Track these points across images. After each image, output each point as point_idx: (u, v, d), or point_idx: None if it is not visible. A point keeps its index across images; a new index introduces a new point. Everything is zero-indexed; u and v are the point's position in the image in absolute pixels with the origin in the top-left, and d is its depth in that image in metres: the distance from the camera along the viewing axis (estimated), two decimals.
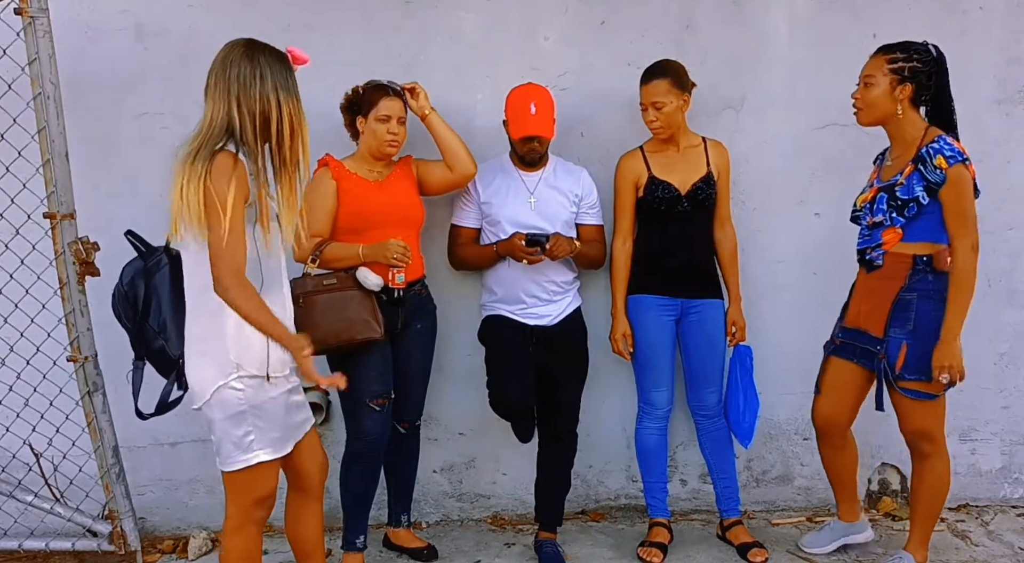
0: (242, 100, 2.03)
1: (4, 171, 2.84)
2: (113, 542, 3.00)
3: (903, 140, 2.67)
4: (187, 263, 2.13)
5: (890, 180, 2.67)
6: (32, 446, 3.12)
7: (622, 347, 3.09)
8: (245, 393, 2.09)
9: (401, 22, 3.14)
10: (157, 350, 2.25)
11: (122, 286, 2.28)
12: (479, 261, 3.05)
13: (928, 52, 2.63)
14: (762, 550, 3.05)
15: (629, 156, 3.08)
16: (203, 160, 2.00)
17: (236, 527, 2.22)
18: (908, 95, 2.62)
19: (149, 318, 2.23)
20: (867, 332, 2.74)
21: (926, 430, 2.72)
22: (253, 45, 2.09)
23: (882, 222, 2.67)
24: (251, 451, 2.13)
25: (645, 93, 2.93)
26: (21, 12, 2.59)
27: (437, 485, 3.42)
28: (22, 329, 2.96)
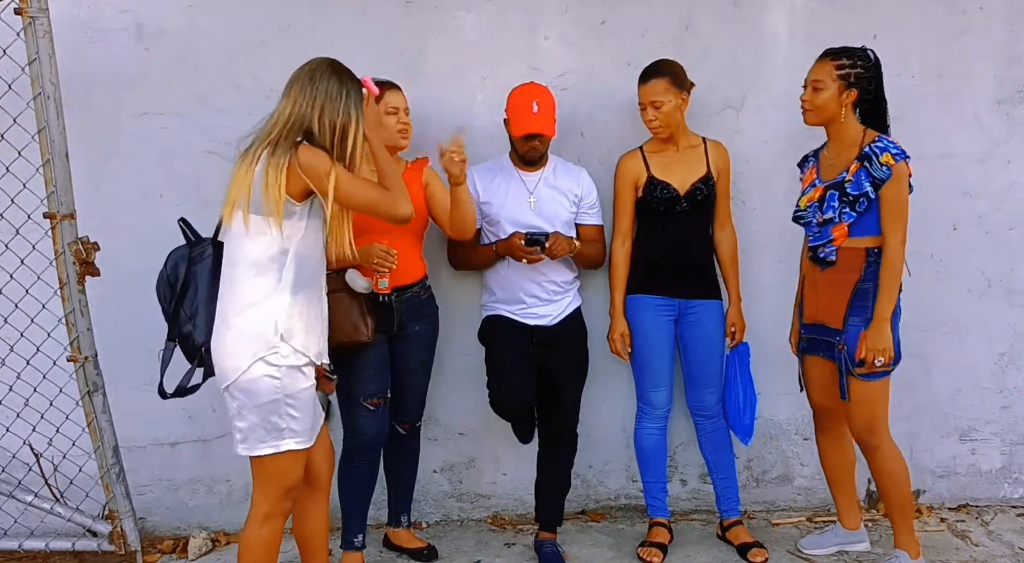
0: (326, 110, 2.18)
1: (4, 171, 2.84)
2: (113, 542, 3.00)
3: (843, 141, 2.77)
4: (241, 246, 2.20)
5: (836, 178, 2.75)
6: (32, 446, 3.12)
7: (620, 347, 3.09)
8: (281, 381, 2.16)
9: (401, 22, 3.14)
10: (185, 334, 2.30)
11: (165, 270, 2.35)
12: (479, 261, 3.05)
13: (869, 58, 2.73)
14: (762, 550, 3.05)
15: (629, 156, 3.08)
16: (285, 150, 2.14)
17: (264, 517, 2.25)
18: (852, 100, 2.73)
19: (184, 302, 2.30)
20: (825, 324, 2.81)
21: (870, 423, 2.77)
22: (339, 65, 2.26)
23: (832, 219, 2.75)
24: (282, 438, 2.20)
25: (643, 92, 2.94)
26: (21, 12, 2.59)
27: (437, 485, 3.42)
28: (22, 329, 2.96)
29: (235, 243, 2.22)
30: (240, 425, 2.21)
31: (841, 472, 3.04)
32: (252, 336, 2.16)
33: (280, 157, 2.12)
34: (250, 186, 2.14)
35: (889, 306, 2.68)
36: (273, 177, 2.11)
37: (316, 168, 2.13)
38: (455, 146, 2.61)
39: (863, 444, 2.83)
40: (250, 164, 2.16)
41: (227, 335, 2.19)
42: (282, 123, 2.17)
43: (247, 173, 2.16)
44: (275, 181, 2.11)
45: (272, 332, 2.16)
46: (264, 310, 2.17)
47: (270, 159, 2.13)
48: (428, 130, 3.11)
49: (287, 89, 2.23)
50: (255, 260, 2.18)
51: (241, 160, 2.20)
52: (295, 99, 2.19)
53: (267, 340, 2.16)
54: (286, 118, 2.18)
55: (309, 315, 2.24)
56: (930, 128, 3.27)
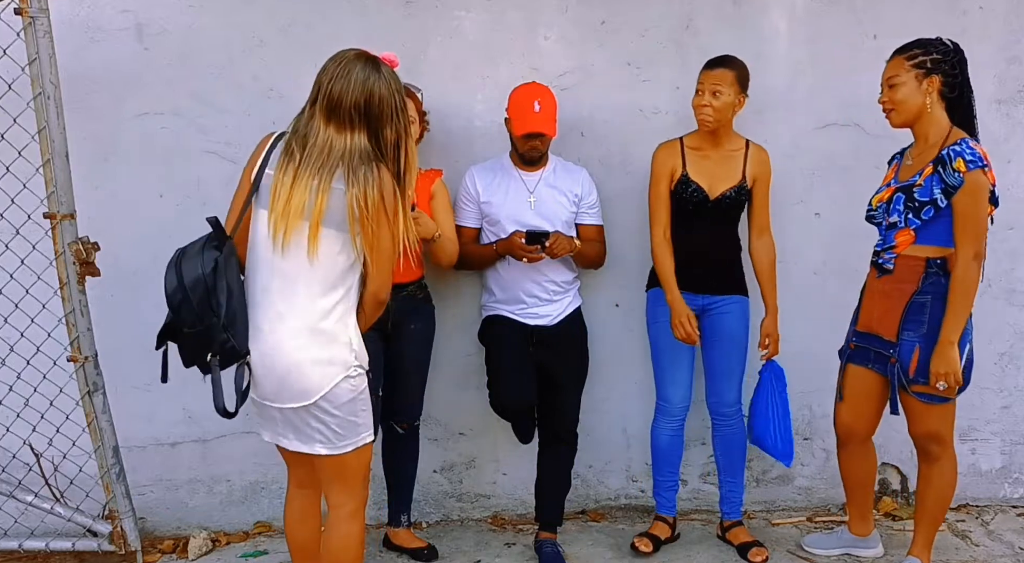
0: (392, 125, 2.15)
1: (4, 171, 2.84)
2: (113, 542, 3.00)
3: (927, 140, 2.63)
4: (305, 261, 2.12)
5: (908, 180, 2.63)
6: (32, 446, 3.12)
7: (689, 329, 2.94)
8: (356, 381, 2.19)
9: (401, 22, 3.14)
10: (222, 343, 2.12)
11: (202, 273, 2.09)
12: (479, 261, 3.05)
13: (944, 44, 2.59)
14: (762, 549, 3.05)
15: (668, 146, 3.01)
16: (367, 171, 2.08)
17: (352, 513, 2.27)
18: (937, 87, 2.57)
19: (224, 310, 2.10)
20: (880, 336, 2.72)
21: (936, 432, 2.70)
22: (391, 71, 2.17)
23: (896, 223, 2.64)
24: (359, 433, 2.23)
25: (707, 77, 2.87)
26: (21, 12, 2.59)
27: (437, 485, 3.42)
28: (22, 329, 2.95)
29: (295, 257, 2.12)
30: (322, 429, 2.19)
31: (860, 485, 2.99)
32: (333, 358, 2.14)
33: (377, 174, 2.09)
34: (326, 201, 2.07)
35: (956, 329, 2.52)
36: (373, 195, 2.07)
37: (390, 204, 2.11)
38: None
39: (924, 451, 2.75)
40: (324, 177, 2.07)
41: (300, 355, 2.13)
42: (358, 147, 2.11)
43: (322, 187, 2.07)
44: (361, 203, 2.07)
45: (349, 353, 2.17)
46: (339, 331, 2.16)
47: (368, 176, 2.07)
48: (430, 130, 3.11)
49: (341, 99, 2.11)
50: (324, 277, 2.13)
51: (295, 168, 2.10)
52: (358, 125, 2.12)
53: (346, 361, 2.16)
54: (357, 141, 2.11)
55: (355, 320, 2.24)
56: None
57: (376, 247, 2.13)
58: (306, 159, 2.10)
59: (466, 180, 3.04)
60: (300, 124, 2.16)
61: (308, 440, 2.21)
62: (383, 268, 2.17)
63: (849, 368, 2.85)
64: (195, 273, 2.09)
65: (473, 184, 3.02)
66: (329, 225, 2.09)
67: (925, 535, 2.81)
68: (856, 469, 2.96)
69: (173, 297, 2.10)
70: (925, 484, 2.78)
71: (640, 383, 3.34)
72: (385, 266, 2.17)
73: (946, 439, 2.71)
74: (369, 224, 2.09)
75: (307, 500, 2.42)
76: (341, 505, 2.27)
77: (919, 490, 2.82)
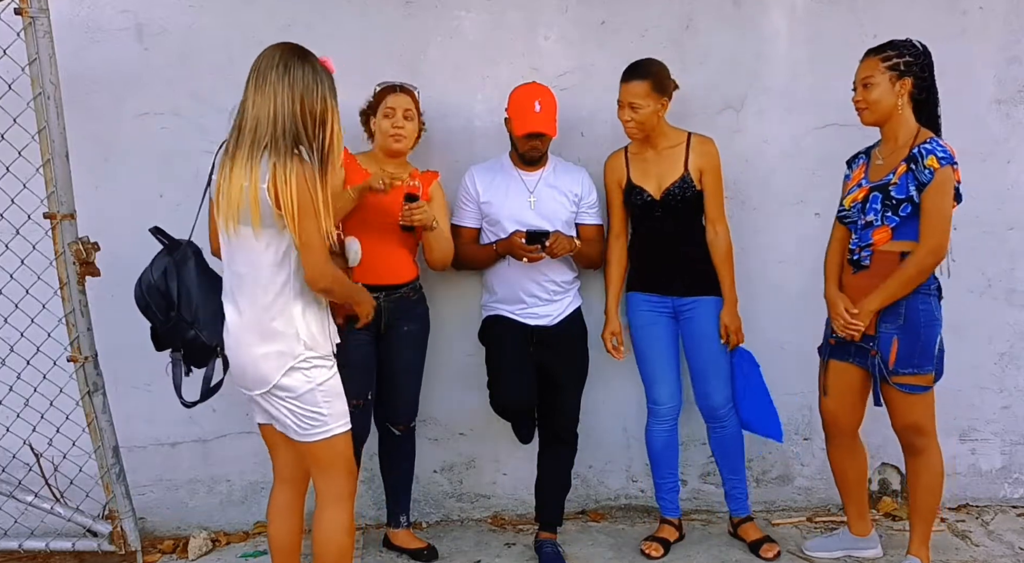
0: (306, 100, 2.12)
1: (4, 171, 2.84)
2: (113, 542, 2.99)
3: (896, 139, 2.69)
4: (250, 257, 2.18)
5: (882, 179, 2.68)
6: (32, 446, 3.12)
7: (611, 346, 3.10)
8: (311, 373, 2.20)
9: (401, 22, 3.14)
10: (190, 339, 2.33)
11: (153, 279, 2.36)
12: (479, 261, 3.05)
13: (915, 46, 2.66)
14: (773, 544, 3.07)
15: (614, 156, 3.09)
16: (283, 159, 2.07)
17: (336, 498, 2.28)
18: (908, 89, 2.64)
19: (182, 310, 2.33)
20: None
21: (918, 424, 2.73)
22: (304, 50, 2.18)
23: (873, 222, 2.69)
24: (326, 425, 2.23)
25: (624, 91, 2.90)
26: (21, 12, 2.59)
27: (437, 485, 3.41)
28: (22, 329, 2.95)
29: (242, 255, 2.19)
30: (289, 417, 2.23)
31: (852, 481, 3.00)
32: (280, 348, 2.18)
33: (287, 169, 2.07)
34: (256, 197, 2.09)
35: (878, 301, 2.64)
36: (283, 189, 2.06)
37: (307, 203, 2.09)
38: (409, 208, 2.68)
39: (908, 445, 2.78)
40: (248, 172, 2.10)
41: (254, 346, 2.19)
42: (269, 124, 2.10)
43: (250, 183, 2.09)
44: (286, 191, 2.06)
45: (296, 341, 2.18)
46: (285, 321, 2.18)
47: (276, 170, 2.07)
48: (430, 130, 3.11)
49: (258, 80, 2.13)
50: (266, 270, 2.17)
51: (231, 168, 2.13)
52: (274, 93, 2.11)
53: (293, 350, 2.18)
54: (271, 117, 2.10)
55: (316, 310, 2.25)
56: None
57: (299, 239, 2.12)
58: (241, 142, 2.13)
59: (466, 180, 3.04)
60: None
61: (280, 424, 2.28)
62: (309, 258, 2.14)
63: (831, 364, 2.88)
64: (148, 280, 2.37)
65: (473, 184, 3.02)
66: (246, 222, 2.13)
67: (921, 532, 2.83)
68: (847, 466, 2.98)
69: (139, 304, 2.40)
70: (914, 479, 2.81)
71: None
72: (311, 256, 2.14)
73: (929, 430, 2.75)
74: (287, 217, 2.08)
75: (287, 495, 2.42)
76: (322, 492, 2.29)
77: (909, 486, 2.85)
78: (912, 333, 2.66)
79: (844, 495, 3.04)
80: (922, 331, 2.66)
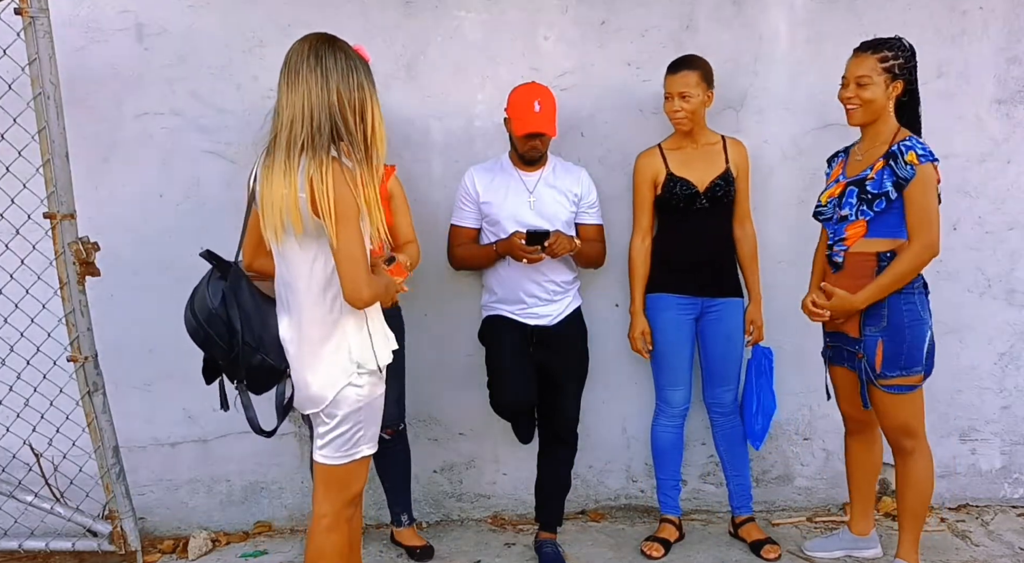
0: (342, 89, 1.97)
1: (4, 171, 2.84)
2: (113, 542, 3.00)
3: (876, 138, 2.69)
4: (298, 269, 2.07)
5: (859, 175, 2.68)
6: (32, 446, 3.12)
7: (641, 346, 3.09)
8: (364, 390, 2.12)
9: (401, 22, 3.14)
10: (256, 365, 2.17)
11: (213, 306, 2.15)
12: (479, 261, 3.05)
13: (906, 48, 2.64)
14: (775, 546, 3.07)
15: (647, 153, 3.07)
16: (325, 161, 1.94)
17: (332, 525, 2.19)
18: (898, 93, 2.65)
19: (244, 336, 2.15)
20: (845, 333, 2.76)
21: (906, 425, 2.72)
22: (334, 38, 2.04)
23: (847, 216, 2.69)
24: (357, 446, 2.16)
25: (672, 82, 2.92)
26: (21, 12, 2.59)
27: (437, 485, 3.41)
28: (22, 329, 2.96)
29: (290, 267, 2.08)
30: (320, 432, 2.16)
31: (864, 476, 3.00)
32: (329, 366, 2.09)
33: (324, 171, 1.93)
34: (296, 205, 1.96)
35: (871, 297, 2.62)
36: (320, 194, 1.92)
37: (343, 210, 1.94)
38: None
39: (897, 447, 2.77)
40: (287, 178, 1.96)
41: (307, 364, 2.11)
42: (306, 121, 1.95)
43: (289, 190, 1.96)
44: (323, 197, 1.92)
45: (348, 361, 2.09)
46: (339, 337, 2.08)
47: (315, 176, 1.93)
48: (429, 130, 3.12)
49: (290, 75, 1.98)
50: (315, 283, 2.06)
51: (270, 176, 1.99)
52: (307, 87, 1.95)
53: (346, 369, 2.09)
54: (307, 113, 1.95)
55: (379, 323, 2.17)
56: (930, 128, 3.23)
57: (337, 249, 1.97)
58: (278, 146, 1.99)
59: (465, 180, 3.04)
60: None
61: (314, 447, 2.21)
62: (347, 271, 1.97)
63: (833, 369, 2.90)
64: (206, 308, 2.15)
65: (472, 184, 3.02)
66: (290, 232, 2.01)
67: (911, 534, 2.82)
68: (863, 458, 2.97)
69: (196, 336, 2.18)
70: (903, 480, 2.80)
71: (640, 384, 3.34)
72: (350, 268, 1.97)
73: (918, 431, 2.74)
74: (326, 224, 1.95)
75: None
76: (322, 516, 2.20)
77: (899, 488, 2.84)
78: (896, 335, 2.64)
79: (852, 488, 3.04)
80: (907, 332, 2.64)
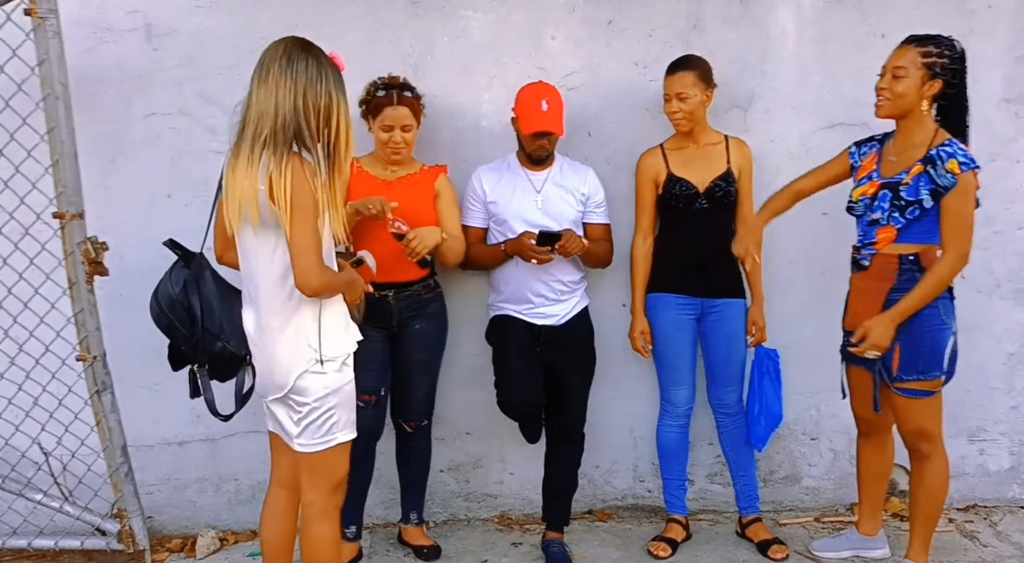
0: (309, 94, 2.06)
1: (14, 171, 2.85)
2: (122, 541, 3.01)
3: (911, 138, 2.61)
4: (256, 260, 2.16)
5: (894, 177, 2.62)
6: (41, 445, 3.13)
7: (640, 345, 3.10)
8: (328, 377, 2.17)
9: (408, 22, 3.14)
10: (218, 352, 2.29)
11: (173, 294, 2.29)
12: (487, 261, 3.05)
13: (955, 49, 2.55)
14: (782, 546, 3.06)
15: (649, 153, 3.07)
16: (285, 156, 2.03)
17: (321, 513, 2.25)
18: (935, 92, 2.55)
19: (206, 323, 2.27)
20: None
21: (924, 429, 2.69)
22: (310, 44, 2.13)
23: (879, 220, 2.64)
24: (331, 433, 2.20)
25: (670, 83, 2.92)
26: (31, 13, 2.60)
27: (444, 485, 3.42)
28: (31, 328, 2.97)
29: (249, 258, 2.18)
30: (292, 421, 2.21)
31: (875, 478, 2.99)
32: (290, 353, 2.15)
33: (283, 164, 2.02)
34: (255, 196, 2.06)
35: (907, 311, 2.54)
36: (277, 186, 2.01)
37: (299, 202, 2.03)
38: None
39: (913, 450, 2.74)
40: (249, 170, 2.06)
41: (268, 351, 2.18)
42: (270, 118, 2.05)
43: (249, 183, 2.06)
44: (280, 189, 2.01)
45: (307, 347, 2.15)
46: (297, 325, 2.14)
47: (274, 169, 2.02)
48: (436, 130, 3.11)
49: (261, 74, 2.08)
50: (273, 273, 2.13)
51: (234, 168, 2.09)
52: (275, 87, 2.05)
53: (306, 355, 2.15)
54: (272, 112, 2.05)
55: (333, 311, 2.21)
56: None
57: (290, 239, 2.05)
58: (243, 139, 2.09)
59: (473, 180, 3.04)
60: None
61: (285, 433, 2.26)
62: (298, 260, 2.05)
63: (850, 368, 2.86)
64: (168, 296, 2.30)
65: (480, 184, 3.02)
66: (264, 221, 2.09)
67: (921, 537, 2.80)
68: (874, 460, 2.96)
69: (159, 322, 2.33)
70: (917, 483, 2.78)
71: (647, 384, 3.33)
72: (301, 258, 2.04)
73: (935, 435, 2.71)
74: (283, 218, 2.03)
75: (282, 500, 2.40)
76: (311, 504, 2.26)
77: (912, 490, 2.82)
78: (916, 339, 2.60)
79: (862, 489, 3.02)
80: (927, 337, 2.59)
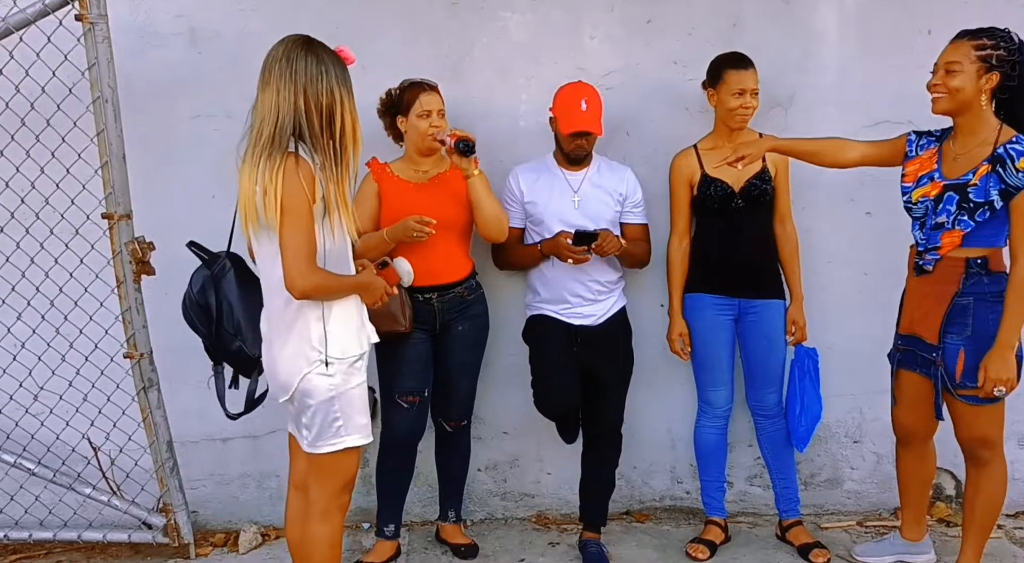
0: (309, 93, 2.05)
1: (64, 173, 2.93)
2: (167, 534, 3.07)
3: (974, 135, 2.49)
4: (263, 261, 2.19)
5: (960, 179, 2.49)
6: (90, 440, 3.21)
7: (679, 347, 3.08)
8: (335, 379, 2.15)
9: (446, 23, 3.16)
10: (235, 351, 2.35)
11: (192, 295, 2.38)
12: (524, 261, 3.05)
13: (1012, 40, 2.43)
14: (824, 550, 3.02)
15: (683, 155, 3.05)
16: (279, 158, 2.03)
17: (322, 513, 2.25)
18: (994, 85, 2.43)
19: (223, 322, 2.33)
20: (922, 338, 2.64)
21: (986, 436, 2.62)
22: (312, 41, 2.12)
23: (944, 223, 2.53)
24: (339, 436, 2.19)
25: (744, 78, 2.87)
26: (81, 18, 2.67)
27: (482, 484, 3.43)
28: (81, 326, 3.05)
29: (260, 260, 2.21)
30: (303, 422, 2.22)
31: (917, 486, 2.92)
32: (293, 356, 2.15)
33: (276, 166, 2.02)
34: (253, 199, 2.07)
35: (1015, 332, 2.43)
36: (270, 187, 2.01)
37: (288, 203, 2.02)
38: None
39: (972, 457, 2.68)
40: (250, 174, 2.07)
41: (275, 352, 2.20)
42: (270, 121, 2.04)
43: (250, 187, 2.07)
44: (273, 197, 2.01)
45: (311, 350, 2.13)
46: (301, 326, 2.13)
47: (267, 172, 2.02)
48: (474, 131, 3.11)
49: (264, 76, 2.08)
50: (276, 275, 2.11)
51: (241, 171, 2.11)
52: (276, 87, 2.05)
53: (309, 357, 2.14)
54: (273, 113, 2.04)
55: (341, 311, 2.19)
56: None
57: (280, 240, 2.04)
58: (250, 144, 2.10)
59: (510, 180, 3.05)
60: None
61: (297, 433, 2.29)
62: (286, 261, 2.04)
63: (900, 373, 2.79)
64: (189, 296, 2.41)
65: (517, 184, 3.02)
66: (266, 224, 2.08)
67: (974, 544, 2.73)
68: (914, 470, 2.90)
69: (186, 319, 2.42)
70: (974, 490, 2.70)
71: (685, 384, 3.31)
72: (288, 259, 2.04)
73: (996, 443, 2.64)
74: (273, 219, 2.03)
75: (300, 502, 2.39)
76: (314, 503, 2.26)
77: (967, 497, 2.75)
78: (981, 344, 2.50)
79: (904, 498, 2.96)
80: (991, 342, 2.49)
